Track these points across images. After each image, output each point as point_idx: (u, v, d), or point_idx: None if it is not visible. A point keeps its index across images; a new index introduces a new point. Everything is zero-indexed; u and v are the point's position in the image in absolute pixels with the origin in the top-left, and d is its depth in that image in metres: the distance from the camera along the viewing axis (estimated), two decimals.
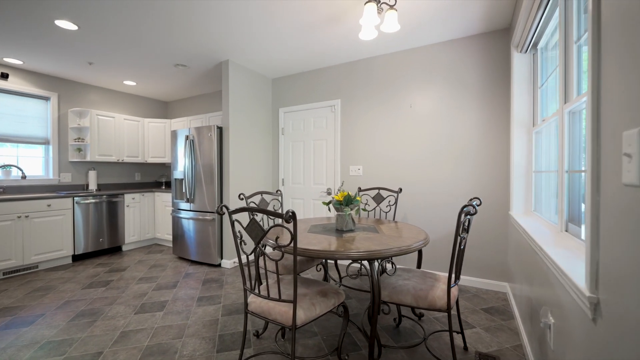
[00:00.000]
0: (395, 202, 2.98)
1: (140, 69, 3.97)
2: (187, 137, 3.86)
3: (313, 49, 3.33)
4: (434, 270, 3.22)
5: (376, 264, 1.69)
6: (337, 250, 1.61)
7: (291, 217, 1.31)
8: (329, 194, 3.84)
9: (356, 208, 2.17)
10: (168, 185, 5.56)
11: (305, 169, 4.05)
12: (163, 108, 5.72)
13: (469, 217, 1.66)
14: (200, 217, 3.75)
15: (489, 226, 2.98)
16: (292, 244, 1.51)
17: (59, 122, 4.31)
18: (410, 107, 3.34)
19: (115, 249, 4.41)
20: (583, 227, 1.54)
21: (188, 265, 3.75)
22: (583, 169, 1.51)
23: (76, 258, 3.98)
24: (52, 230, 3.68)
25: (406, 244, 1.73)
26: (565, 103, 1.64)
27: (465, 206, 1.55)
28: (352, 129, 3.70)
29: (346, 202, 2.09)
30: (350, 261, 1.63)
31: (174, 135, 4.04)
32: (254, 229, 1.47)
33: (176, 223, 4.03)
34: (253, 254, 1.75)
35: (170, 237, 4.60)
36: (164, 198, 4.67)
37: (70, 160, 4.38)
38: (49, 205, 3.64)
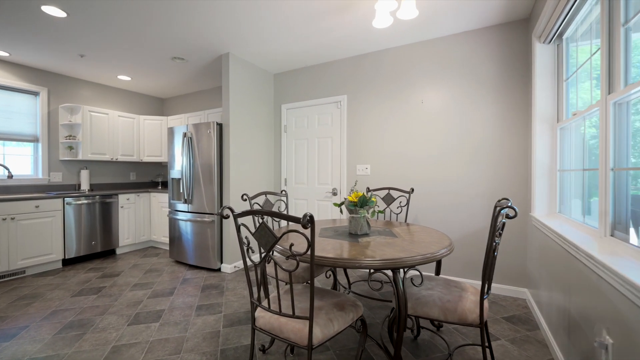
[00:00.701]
0: (407, 203, 2.81)
1: (135, 62, 3.76)
2: (184, 135, 3.66)
3: (320, 40, 3.15)
4: (450, 276, 3.05)
5: (401, 273, 1.50)
6: (356, 258, 1.42)
7: (309, 221, 1.13)
8: (335, 194, 3.65)
9: (372, 210, 1.99)
10: (164, 185, 5.34)
11: (310, 168, 3.86)
12: (159, 105, 5.51)
13: (504, 220, 1.48)
14: (199, 218, 3.55)
15: (505, 227, 2.81)
16: (308, 252, 1.33)
17: (49, 118, 4.08)
18: (421, 102, 3.17)
19: (108, 252, 4.20)
20: (631, 231, 1.37)
21: (186, 270, 3.54)
22: (632, 166, 1.34)
23: (67, 262, 3.76)
24: (41, 233, 3.46)
25: (430, 250, 1.55)
26: (609, 94, 1.47)
27: (502, 208, 1.37)
28: (359, 126, 3.52)
29: (361, 204, 1.91)
30: (372, 270, 1.45)
31: (171, 132, 3.84)
32: (264, 234, 1.28)
33: (173, 225, 3.82)
34: (261, 261, 1.56)
35: (166, 240, 4.39)
36: (160, 199, 4.46)
37: (61, 159, 4.16)
38: (37, 207, 3.42)
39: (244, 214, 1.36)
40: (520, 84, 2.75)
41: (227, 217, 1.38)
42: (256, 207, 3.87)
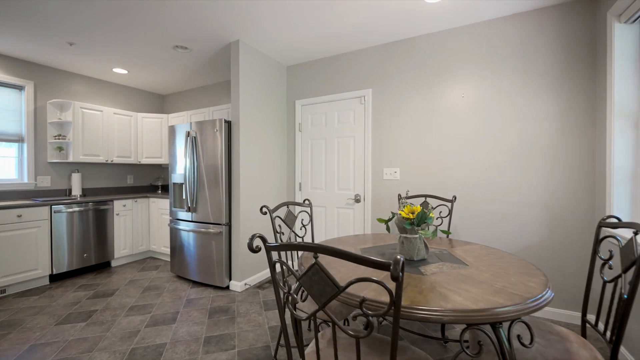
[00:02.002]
0: (449, 214, 2.39)
1: (132, 52, 3.33)
2: (188, 134, 3.23)
3: (343, 25, 2.72)
4: None
5: (504, 327, 1.09)
6: (442, 308, 1.00)
7: (401, 271, 0.71)
8: (358, 201, 3.23)
9: (433, 229, 1.57)
10: (165, 189, 4.92)
11: (328, 171, 3.44)
12: (159, 102, 5.08)
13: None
14: (204, 229, 3.13)
15: (566, 242, 2.39)
16: (391, 310, 0.90)
17: (36, 115, 3.65)
18: (462, 97, 2.75)
19: (103, 265, 3.77)
20: None
21: (189, 288, 3.12)
22: None
23: (55, 278, 3.33)
24: (24, 246, 3.03)
25: (532, 293, 1.13)
26: None
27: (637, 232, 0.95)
28: (386, 124, 3.10)
29: (419, 221, 1.49)
30: (465, 326, 1.02)
31: (172, 131, 3.41)
32: (318, 280, 0.86)
33: (174, 236, 3.40)
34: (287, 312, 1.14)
35: (167, 250, 3.97)
36: (160, 204, 4.04)
37: (50, 161, 3.73)
38: (19, 216, 2.99)
39: (283, 247, 0.94)
40: (586, 74, 2.33)
41: (258, 250, 0.97)
42: (277, 220, 3.45)
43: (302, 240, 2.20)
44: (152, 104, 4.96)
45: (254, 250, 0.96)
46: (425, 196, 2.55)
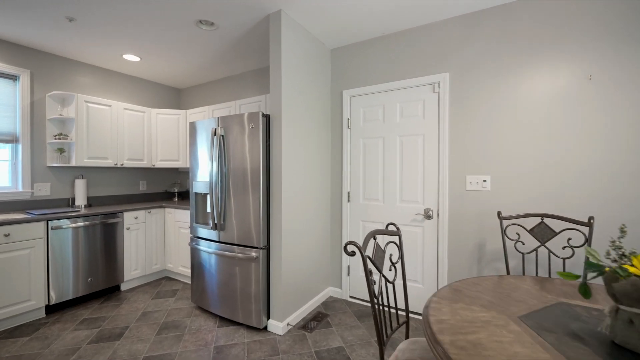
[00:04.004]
0: (587, 242, 1.66)
1: (146, 32, 2.70)
2: (214, 132, 2.57)
3: None
4: None
5: None
6: None
7: None
8: (429, 217, 2.51)
9: None
10: (182, 196, 4.30)
11: (387, 178, 2.73)
12: (174, 97, 4.46)
13: None
14: (234, 253, 2.47)
15: None
16: None
17: (32, 111, 3.06)
18: (589, 78, 2.00)
19: (111, 290, 3.15)
20: None
21: (215, 327, 2.46)
22: None
23: (53, 309, 2.72)
24: (13, 273, 2.43)
25: None
26: None
27: None
28: (470, 118, 2.38)
29: None
30: None
31: (193, 129, 2.77)
32: None
33: (196, 257, 2.75)
34: None
35: (185, 271, 3.33)
36: (177, 216, 3.40)
37: (49, 165, 3.14)
38: (6, 235, 2.39)
39: None
40: None
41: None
42: (366, 258, 2.76)
43: (393, 286, 1.51)
44: (167, 100, 4.35)
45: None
46: (542, 216, 1.83)
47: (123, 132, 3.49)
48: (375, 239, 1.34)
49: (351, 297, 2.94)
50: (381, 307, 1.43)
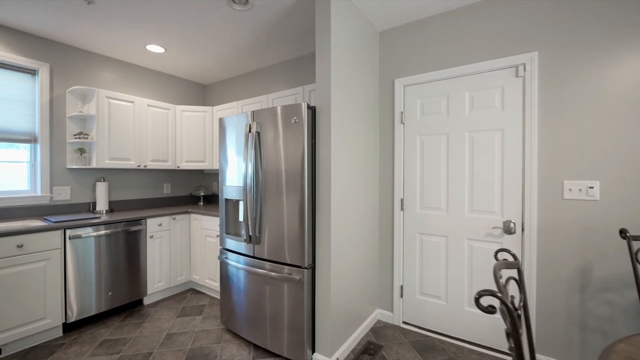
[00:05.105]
0: None
1: (171, 15, 2.38)
2: (248, 128, 2.20)
3: None
4: None
5: None
6: None
7: None
8: (511, 232, 2.02)
9: None
10: (207, 200, 4.00)
11: (452, 183, 2.27)
12: (200, 93, 4.17)
13: None
14: (273, 272, 2.08)
15: None
16: None
17: (52, 108, 2.82)
18: None
19: (133, 304, 2.86)
20: None
21: (250, 358, 2.09)
22: None
23: (70, 326, 2.45)
24: (27, 288, 2.16)
25: None
26: None
27: None
28: (567, 108, 1.87)
29: None
30: None
31: (223, 125, 2.41)
32: None
33: (227, 273, 2.39)
34: None
35: (213, 284, 3.00)
36: (204, 223, 3.08)
37: (69, 167, 2.90)
38: (19, 246, 2.12)
39: None
40: None
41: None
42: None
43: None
44: (192, 97, 4.06)
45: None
46: None
47: (146, 130, 3.21)
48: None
49: (405, 322, 2.49)
50: None
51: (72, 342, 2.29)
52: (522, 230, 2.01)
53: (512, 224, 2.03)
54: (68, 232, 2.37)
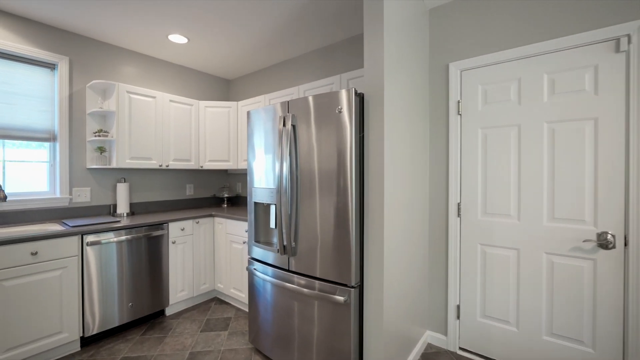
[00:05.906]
0: None
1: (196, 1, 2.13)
2: (283, 122, 1.90)
3: None
4: None
5: None
6: None
7: None
8: (606, 246, 1.62)
9: None
10: (231, 201, 3.77)
11: (525, 185, 1.88)
12: (223, 88, 3.95)
13: None
14: (312, 290, 1.78)
15: None
16: None
17: (71, 104, 2.66)
18: None
19: (154, 315, 2.65)
20: None
21: None
22: None
23: (88, 340, 2.25)
24: (42, 300, 1.97)
25: None
26: None
27: None
28: None
29: None
30: None
31: (251, 119, 2.14)
32: None
33: (256, 286, 2.11)
34: None
35: (239, 295, 2.74)
36: (229, 227, 2.83)
37: (89, 166, 2.72)
38: (34, 254, 1.93)
39: None
40: None
41: None
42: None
43: None
44: (215, 92, 3.84)
45: None
46: None
47: (168, 128, 3.00)
48: None
49: (462, 349, 2.12)
50: None
51: (90, 358, 2.08)
52: (625, 244, 1.60)
53: (609, 236, 1.63)
54: (85, 237, 2.17)
